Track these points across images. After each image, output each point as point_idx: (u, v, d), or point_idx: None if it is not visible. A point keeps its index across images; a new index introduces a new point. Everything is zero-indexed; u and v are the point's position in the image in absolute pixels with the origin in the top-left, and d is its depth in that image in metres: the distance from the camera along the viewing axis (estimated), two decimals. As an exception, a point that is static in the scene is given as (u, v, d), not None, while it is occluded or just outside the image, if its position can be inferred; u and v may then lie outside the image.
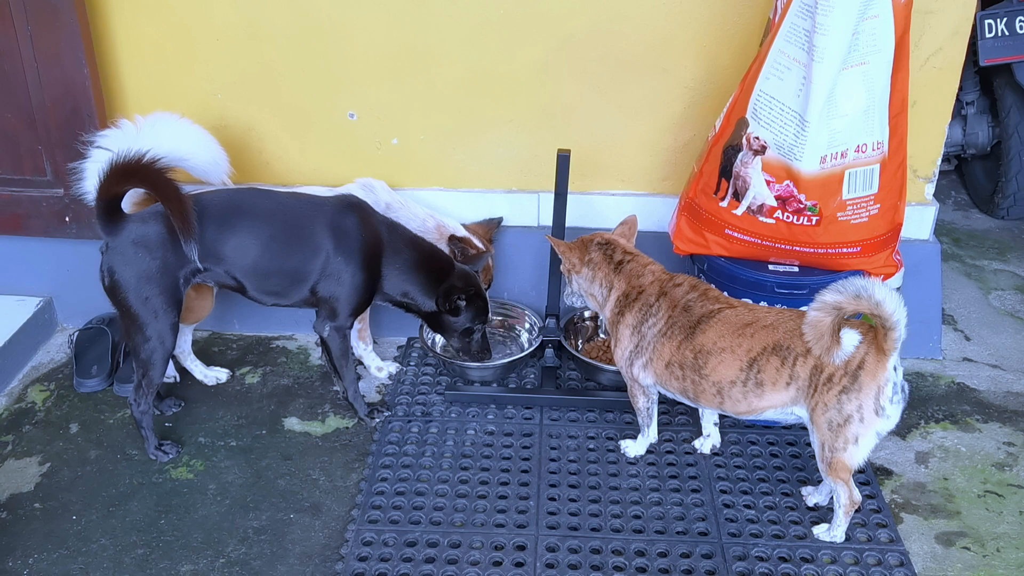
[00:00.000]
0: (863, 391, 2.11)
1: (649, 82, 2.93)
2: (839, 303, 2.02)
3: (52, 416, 2.85)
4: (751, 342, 2.24)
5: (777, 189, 2.50)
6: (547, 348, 3.01)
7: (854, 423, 2.14)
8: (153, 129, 2.64)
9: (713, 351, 2.28)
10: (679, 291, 2.40)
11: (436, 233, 2.93)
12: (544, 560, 2.30)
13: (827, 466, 2.22)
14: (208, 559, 2.32)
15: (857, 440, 2.15)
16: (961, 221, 4.20)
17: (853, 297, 2.00)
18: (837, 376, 2.13)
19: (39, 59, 2.87)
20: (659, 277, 2.46)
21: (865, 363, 2.10)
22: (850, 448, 2.17)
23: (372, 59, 2.94)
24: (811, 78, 2.33)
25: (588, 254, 2.52)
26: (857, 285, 2.00)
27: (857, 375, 2.11)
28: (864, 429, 2.14)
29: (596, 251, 2.52)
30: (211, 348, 3.19)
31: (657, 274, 2.47)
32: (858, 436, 2.15)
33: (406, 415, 2.85)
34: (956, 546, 2.37)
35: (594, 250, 2.52)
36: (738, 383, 2.26)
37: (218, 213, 2.50)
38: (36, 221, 3.11)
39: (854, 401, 2.12)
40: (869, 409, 2.12)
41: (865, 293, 1.99)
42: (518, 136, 3.05)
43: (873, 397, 2.11)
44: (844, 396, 2.12)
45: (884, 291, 1.99)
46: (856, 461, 2.19)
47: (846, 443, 2.16)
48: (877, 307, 2.00)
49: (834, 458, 2.19)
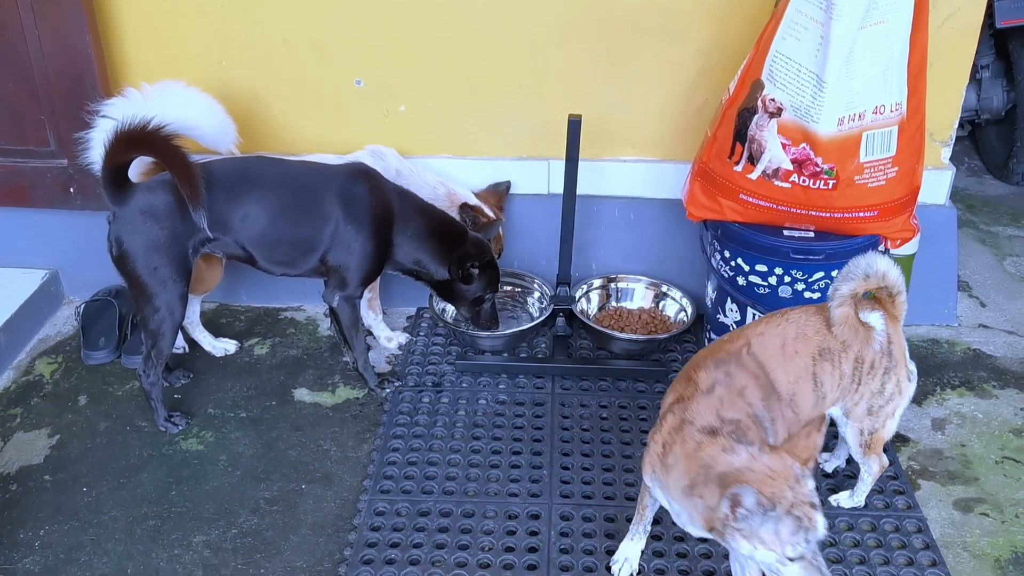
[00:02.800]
0: (899, 365, 2.07)
1: (661, 46, 2.88)
2: (855, 289, 1.96)
3: (60, 389, 2.83)
4: (803, 360, 2.00)
5: (793, 152, 2.45)
6: (558, 317, 2.99)
7: (895, 398, 2.09)
8: (159, 97, 2.60)
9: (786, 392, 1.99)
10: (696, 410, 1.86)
11: (447, 201, 2.90)
12: (558, 529, 2.28)
13: (866, 448, 2.16)
14: (220, 529, 2.31)
15: (895, 413, 2.12)
16: (975, 187, 4.16)
17: (864, 278, 1.94)
18: (878, 360, 2.05)
19: (41, 28, 2.82)
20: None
21: (892, 337, 2.06)
22: (889, 423, 2.12)
23: (379, 24, 2.89)
24: (829, 38, 2.28)
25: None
26: (862, 265, 1.94)
27: (891, 351, 2.06)
28: (902, 400, 2.10)
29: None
30: (219, 319, 3.16)
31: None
32: (896, 409, 2.11)
33: (416, 385, 2.82)
34: (974, 512, 2.35)
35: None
36: (813, 401, 2.04)
37: (226, 182, 2.47)
38: (40, 192, 3.08)
39: (894, 378, 2.07)
40: (904, 379, 2.09)
41: (872, 269, 1.94)
42: (528, 102, 3.00)
43: (904, 367, 2.08)
44: (886, 377, 2.06)
45: (883, 260, 1.95)
46: (892, 432, 2.15)
47: (886, 419, 2.11)
48: (883, 278, 1.96)
49: (874, 438, 2.14)
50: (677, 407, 1.86)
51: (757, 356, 1.96)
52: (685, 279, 3.12)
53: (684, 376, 1.97)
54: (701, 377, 1.90)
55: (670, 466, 1.78)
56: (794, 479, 1.61)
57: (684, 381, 1.94)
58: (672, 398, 1.92)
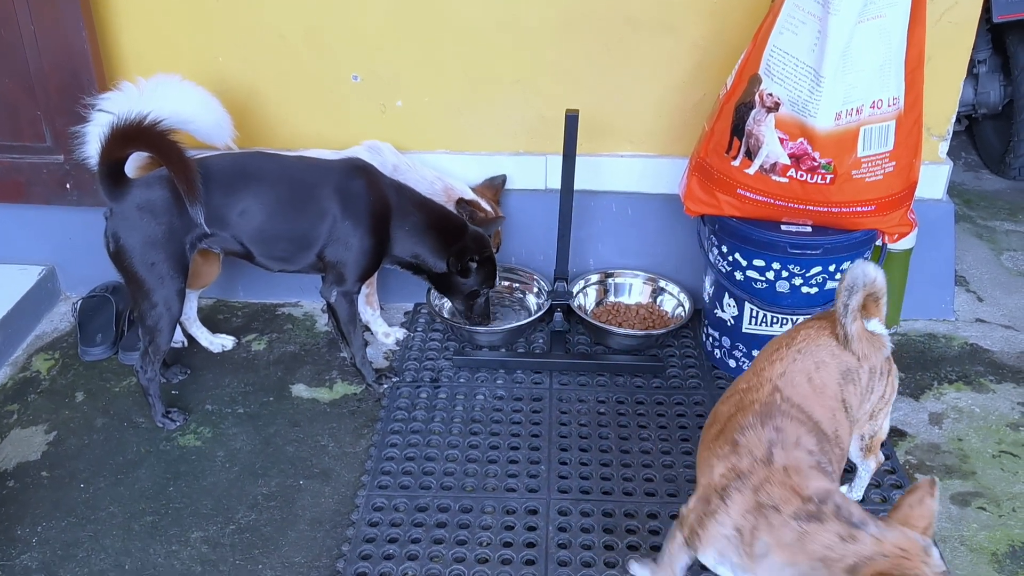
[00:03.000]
0: (893, 365, 2.05)
1: (658, 40, 2.87)
2: (861, 300, 1.88)
3: (57, 385, 2.82)
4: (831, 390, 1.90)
5: (791, 147, 2.45)
6: (556, 312, 2.99)
7: (890, 398, 2.06)
8: (155, 91, 2.59)
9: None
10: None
11: (444, 196, 2.89)
12: (556, 524, 2.28)
13: (866, 451, 2.14)
14: (218, 525, 2.31)
15: (889, 412, 2.10)
16: (972, 182, 4.16)
17: (864, 287, 1.86)
18: (883, 366, 2.01)
19: (37, 23, 2.81)
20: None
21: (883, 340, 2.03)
22: (885, 423, 2.11)
23: (375, 20, 2.89)
24: (826, 32, 2.28)
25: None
26: (860, 275, 1.86)
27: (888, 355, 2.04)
28: (893, 397, 2.08)
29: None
30: (216, 315, 3.16)
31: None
32: (890, 407, 2.09)
33: (414, 381, 2.82)
34: (972, 506, 2.35)
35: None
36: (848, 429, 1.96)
37: (223, 177, 2.46)
38: (37, 188, 3.07)
39: (890, 379, 2.04)
40: (895, 377, 2.06)
41: (868, 278, 1.86)
42: (525, 97, 3.00)
43: (893, 364, 2.06)
44: (887, 379, 2.03)
45: (872, 267, 1.88)
46: (887, 430, 2.14)
47: (883, 420, 2.10)
48: (875, 284, 1.90)
49: (874, 440, 2.12)
50: (741, 484, 1.68)
51: (792, 400, 1.82)
52: (682, 274, 3.12)
53: (723, 439, 1.79)
54: (749, 441, 1.73)
55: (760, 555, 1.63)
56: (924, 553, 1.50)
57: (727, 445, 1.76)
58: (723, 468, 1.73)
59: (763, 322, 2.69)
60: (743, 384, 1.92)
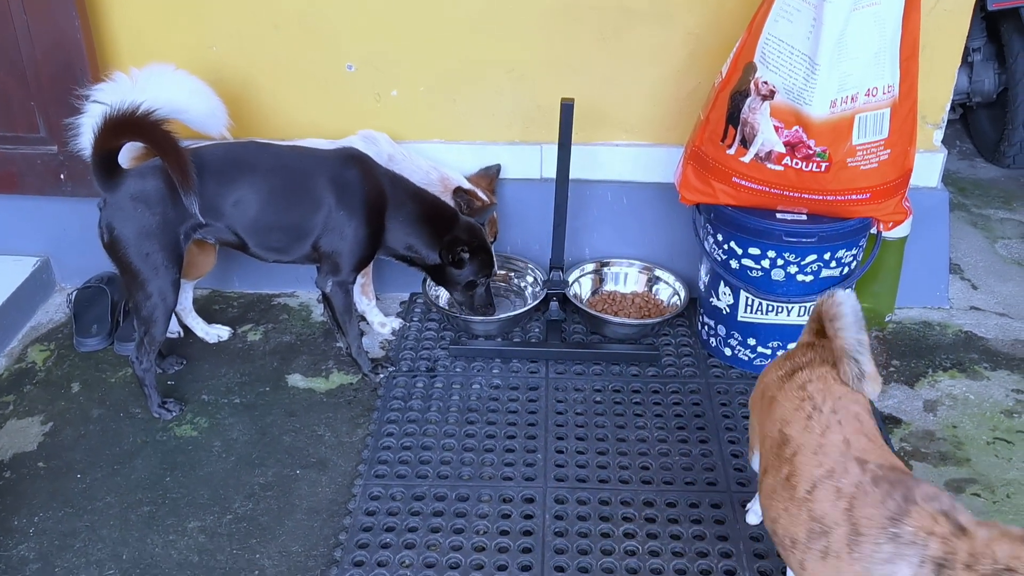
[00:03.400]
0: None
1: (653, 29, 2.87)
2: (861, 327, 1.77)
3: (53, 376, 2.82)
4: (865, 442, 1.72)
5: (786, 135, 2.45)
6: (552, 301, 2.99)
7: None
8: (149, 81, 2.58)
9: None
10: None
11: (440, 185, 2.89)
12: (553, 512, 2.29)
13: None
14: (215, 515, 2.31)
15: None
16: (966, 170, 4.16)
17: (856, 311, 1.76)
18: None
19: (29, 13, 2.80)
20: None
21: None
22: None
23: (370, 9, 2.88)
24: (821, 19, 2.28)
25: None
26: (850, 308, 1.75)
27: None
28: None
29: None
30: (211, 306, 3.15)
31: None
32: None
33: (410, 370, 2.82)
34: (966, 493, 2.36)
35: None
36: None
37: (218, 167, 2.46)
38: (30, 179, 3.06)
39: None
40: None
41: (852, 303, 1.76)
42: (520, 86, 2.99)
43: None
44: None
45: (842, 293, 1.80)
46: None
47: None
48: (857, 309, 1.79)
49: None
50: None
51: (884, 464, 1.66)
52: (678, 263, 3.12)
53: (865, 539, 1.56)
54: (915, 519, 1.54)
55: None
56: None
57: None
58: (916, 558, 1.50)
59: (758, 310, 2.69)
60: (804, 486, 1.66)
